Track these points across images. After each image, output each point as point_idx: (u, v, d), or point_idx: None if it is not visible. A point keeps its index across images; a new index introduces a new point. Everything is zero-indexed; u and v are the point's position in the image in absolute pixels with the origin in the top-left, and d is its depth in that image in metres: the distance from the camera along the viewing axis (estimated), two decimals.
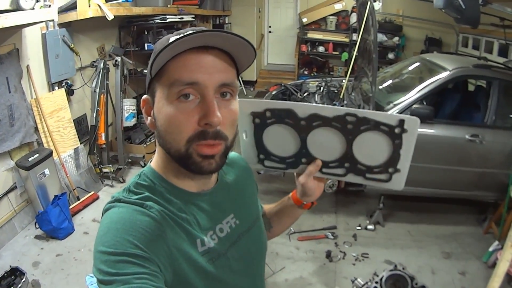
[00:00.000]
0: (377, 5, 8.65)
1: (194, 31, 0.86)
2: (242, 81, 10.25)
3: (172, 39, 0.87)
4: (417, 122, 1.00)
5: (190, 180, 1.01)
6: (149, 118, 0.98)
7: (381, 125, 1.02)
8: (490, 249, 3.86)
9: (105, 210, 0.95)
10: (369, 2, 4.17)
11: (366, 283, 2.67)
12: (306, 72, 10.24)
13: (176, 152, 0.93)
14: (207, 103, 0.89)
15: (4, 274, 3.48)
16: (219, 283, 1.00)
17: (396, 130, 1.01)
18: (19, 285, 3.39)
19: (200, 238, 0.98)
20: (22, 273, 3.50)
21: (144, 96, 1.00)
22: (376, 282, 2.50)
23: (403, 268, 2.56)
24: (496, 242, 3.87)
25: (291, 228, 4.30)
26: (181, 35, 0.86)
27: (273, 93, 5.65)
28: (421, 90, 4.30)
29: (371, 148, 1.07)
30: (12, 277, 3.50)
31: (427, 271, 3.83)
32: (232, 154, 1.27)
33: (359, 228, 4.48)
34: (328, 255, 4.01)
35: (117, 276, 0.79)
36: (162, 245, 0.88)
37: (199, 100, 0.90)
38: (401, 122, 1.00)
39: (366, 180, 1.12)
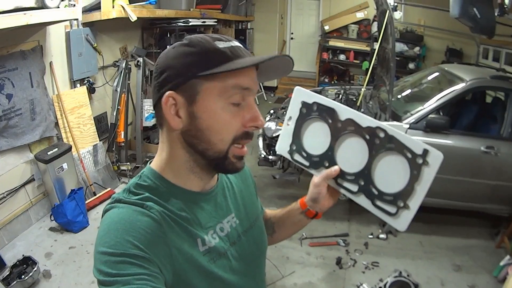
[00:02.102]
0: (398, 15, 8.60)
1: (272, 56, 0.93)
2: (263, 87, 10.28)
3: (220, 44, 0.94)
4: (440, 157, 1.00)
5: (198, 179, 1.03)
6: (176, 117, 0.95)
7: (405, 149, 1.03)
8: (501, 263, 3.80)
9: (105, 211, 0.96)
10: (387, 11, 4.18)
11: None
12: (326, 80, 10.21)
13: (216, 153, 0.96)
14: (255, 108, 0.98)
15: (16, 262, 3.57)
16: (220, 282, 1.00)
17: (418, 160, 1.01)
18: (30, 274, 3.46)
19: (200, 238, 0.99)
20: (34, 263, 3.58)
21: (171, 92, 0.94)
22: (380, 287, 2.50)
23: (408, 275, 2.55)
24: (508, 257, 3.80)
25: (303, 233, 4.31)
26: (232, 45, 0.96)
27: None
28: (438, 100, 4.27)
29: (388, 172, 1.07)
30: (24, 265, 3.57)
31: (437, 282, 3.79)
32: None
33: (371, 236, 4.44)
34: (338, 262, 3.99)
35: (118, 277, 0.80)
36: (162, 245, 0.90)
37: (242, 104, 0.97)
38: (425, 152, 1.01)
39: (374, 207, 1.11)
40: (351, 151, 1.12)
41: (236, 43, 0.97)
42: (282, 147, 1.25)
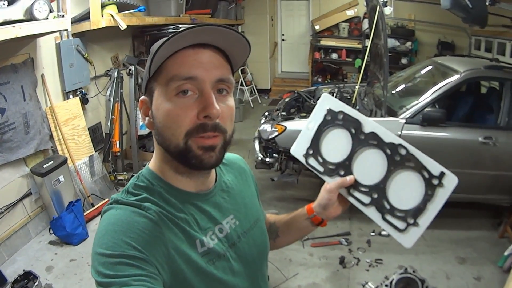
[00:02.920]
0: (388, 10, 8.60)
1: (190, 26, 0.89)
2: (257, 89, 10.32)
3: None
4: (455, 181, 1.03)
5: (188, 179, 1.02)
6: (147, 118, 0.99)
7: (423, 169, 1.06)
8: (506, 253, 3.79)
9: (103, 212, 0.95)
10: (378, 7, 4.17)
11: (377, 286, 2.64)
12: (320, 80, 10.23)
13: (175, 148, 0.94)
14: (206, 96, 0.91)
15: (17, 277, 3.52)
16: (220, 284, 0.99)
17: (434, 181, 1.05)
18: None
19: (199, 239, 0.98)
20: (35, 277, 3.54)
21: (142, 97, 1.00)
22: (386, 285, 2.48)
23: (413, 271, 2.53)
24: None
25: None
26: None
27: (286, 100, 5.66)
28: (433, 93, 4.26)
29: (404, 189, 1.09)
30: (25, 280, 3.53)
31: (442, 276, 3.77)
32: (231, 155, 1.28)
33: (373, 234, 4.43)
34: (342, 261, 3.97)
35: (115, 278, 0.80)
36: (160, 246, 0.89)
37: (197, 95, 0.92)
38: (442, 174, 1.04)
39: (383, 221, 1.12)
40: (369, 163, 1.14)
41: (187, 29, 0.92)
42: (298, 150, 1.25)
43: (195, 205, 1.02)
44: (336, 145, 1.19)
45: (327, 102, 1.21)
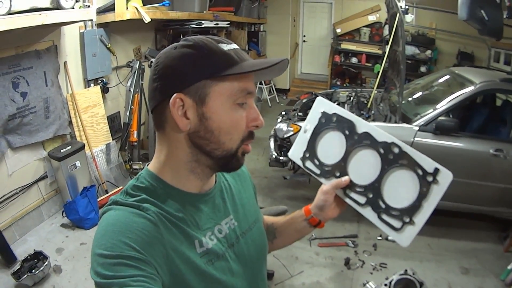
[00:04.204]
0: (410, 18, 8.58)
1: (276, 61, 0.96)
2: (275, 89, 10.33)
3: (224, 47, 0.97)
4: (450, 177, 1.04)
5: (198, 180, 1.03)
6: (184, 118, 0.95)
7: (417, 167, 1.07)
8: (509, 267, 3.77)
9: (102, 213, 0.96)
10: (398, 14, 4.19)
11: (377, 286, 2.68)
12: (338, 83, 10.23)
13: (225, 152, 0.98)
14: (255, 110, 1.01)
15: (27, 257, 3.61)
16: (218, 284, 1.00)
17: (428, 178, 1.06)
18: (41, 268, 3.50)
19: (198, 239, 0.99)
20: (45, 257, 3.62)
21: (179, 94, 0.94)
22: (386, 285, 2.52)
23: (413, 273, 2.57)
24: None
25: (313, 234, 4.31)
26: (234, 48, 0.98)
27: (304, 101, 5.68)
28: (447, 103, 4.26)
29: (398, 188, 1.10)
30: (35, 260, 3.61)
31: (444, 285, 3.77)
32: None
33: (380, 238, 4.43)
34: (347, 262, 3.99)
35: (114, 279, 0.80)
36: (159, 247, 0.89)
37: (244, 106, 0.99)
38: (436, 170, 1.05)
39: (379, 220, 1.13)
40: (363, 163, 1.16)
41: (236, 46, 1.01)
42: (295, 154, 1.30)
43: (194, 206, 1.03)
44: (331, 147, 1.22)
45: (321, 105, 1.25)
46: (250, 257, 1.13)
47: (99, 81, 5.10)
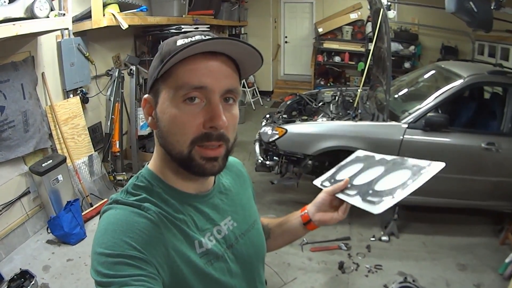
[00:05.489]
0: (392, 14, 8.59)
1: (206, 37, 0.90)
2: (259, 91, 10.33)
3: (180, 42, 0.93)
4: (441, 165, 1.09)
5: (189, 181, 1.02)
6: (150, 118, 0.99)
7: (414, 166, 1.14)
8: (507, 260, 3.76)
9: (103, 212, 0.96)
10: (382, 10, 4.15)
11: None
12: (322, 83, 10.22)
13: (178, 154, 0.94)
14: (213, 107, 0.92)
15: (13, 276, 3.53)
16: (218, 285, 0.99)
17: (422, 170, 1.11)
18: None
19: (197, 240, 0.98)
20: (32, 276, 3.54)
21: (146, 96, 0.99)
22: None
23: (413, 281, 2.50)
24: None
25: (304, 239, 4.25)
26: (191, 40, 0.93)
27: (288, 102, 5.65)
28: (435, 98, 4.24)
29: (393, 180, 1.14)
30: (22, 279, 3.53)
31: (442, 283, 3.74)
32: (230, 158, 1.28)
33: (373, 239, 4.40)
34: (341, 266, 3.94)
35: (115, 278, 0.80)
36: (160, 246, 0.89)
37: (205, 103, 0.93)
38: (430, 163, 1.11)
39: (363, 202, 1.13)
40: (368, 174, 1.22)
41: (200, 37, 0.94)
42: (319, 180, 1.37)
43: (193, 206, 1.02)
44: (350, 172, 1.30)
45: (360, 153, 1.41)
46: (249, 258, 1.13)
47: (79, 91, 4.99)
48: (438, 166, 1.08)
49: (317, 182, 1.35)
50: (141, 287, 0.79)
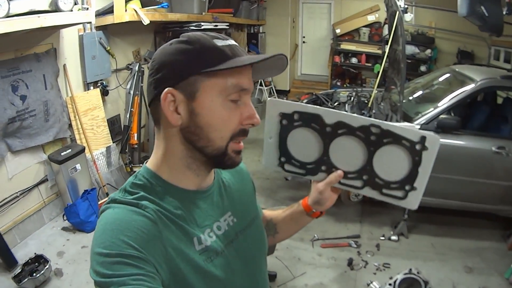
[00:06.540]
0: (409, 17, 8.57)
1: (270, 55, 0.96)
2: (275, 90, 10.30)
3: (219, 42, 0.97)
4: (438, 140, 1.02)
5: (195, 176, 1.04)
6: (175, 114, 0.96)
7: (403, 140, 1.04)
8: None
9: (101, 211, 0.96)
10: (397, 12, 4.18)
11: (381, 286, 2.67)
12: (338, 83, 10.19)
13: (215, 150, 0.98)
14: (251, 106, 1.00)
15: (28, 260, 3.61)
16: (218, 281, 1.00)
17: (417, 147, 1.04)
18: (42, 272, 3.50)
19: (196, 236, 0.99)
20: (46, 261, 3.62)
21: (169, 89, 0.94)
22: (390, 284, 2.50)
23: (417, 272, 2.55)
24: None
25: (315, 235, 4.30)
26: (229, 44, 0.98)
27: (304, 102, 5.68)
28: (448, 101, 4.26)
29: (390, 163, 1.08)
30: (36, 264, 3.61)
31: (448, 284, 3.76)
32: None
33: (382, 238, 4.43)
34: (350, 263, 3.98)
35: (114, 277, 0.80)
36: (158, 244, 0.89)
37: (240, 102, 0.99)
38: (423, 139, 1.03)
39: (382, 195, 1.12)
40: (347, 151, 1.10)
41: (233, 42, 1.00)
42: (270, 162, 1.19)
43: (193, 203, 1.03)
44: (306, 145, 1.14)
45: (275, 107, 1.13)
46: (250, 254, 1.13)
47: (99, 84, 5.09)
48: (436, 141, 1.02)
49: (269, 165, 1.19)
50: (140, 287, 0.79)
